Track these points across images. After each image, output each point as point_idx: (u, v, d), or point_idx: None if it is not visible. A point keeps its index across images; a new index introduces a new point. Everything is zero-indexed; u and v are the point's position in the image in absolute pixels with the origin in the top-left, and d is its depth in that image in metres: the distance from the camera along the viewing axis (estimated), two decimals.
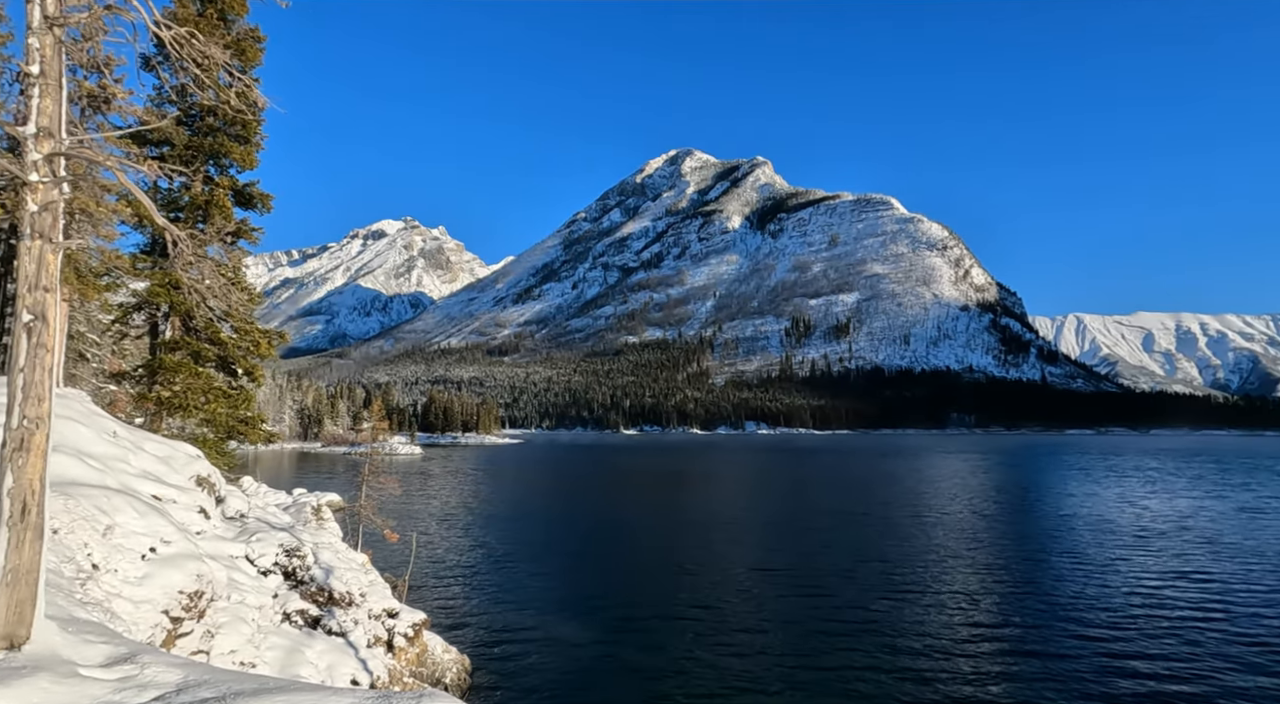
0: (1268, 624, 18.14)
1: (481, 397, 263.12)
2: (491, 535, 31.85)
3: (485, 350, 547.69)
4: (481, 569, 24.56)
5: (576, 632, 16.88)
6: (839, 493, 53.12)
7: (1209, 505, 44.52)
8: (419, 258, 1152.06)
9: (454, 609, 19.27)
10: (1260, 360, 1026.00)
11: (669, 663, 14.71)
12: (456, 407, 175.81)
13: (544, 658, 15.30)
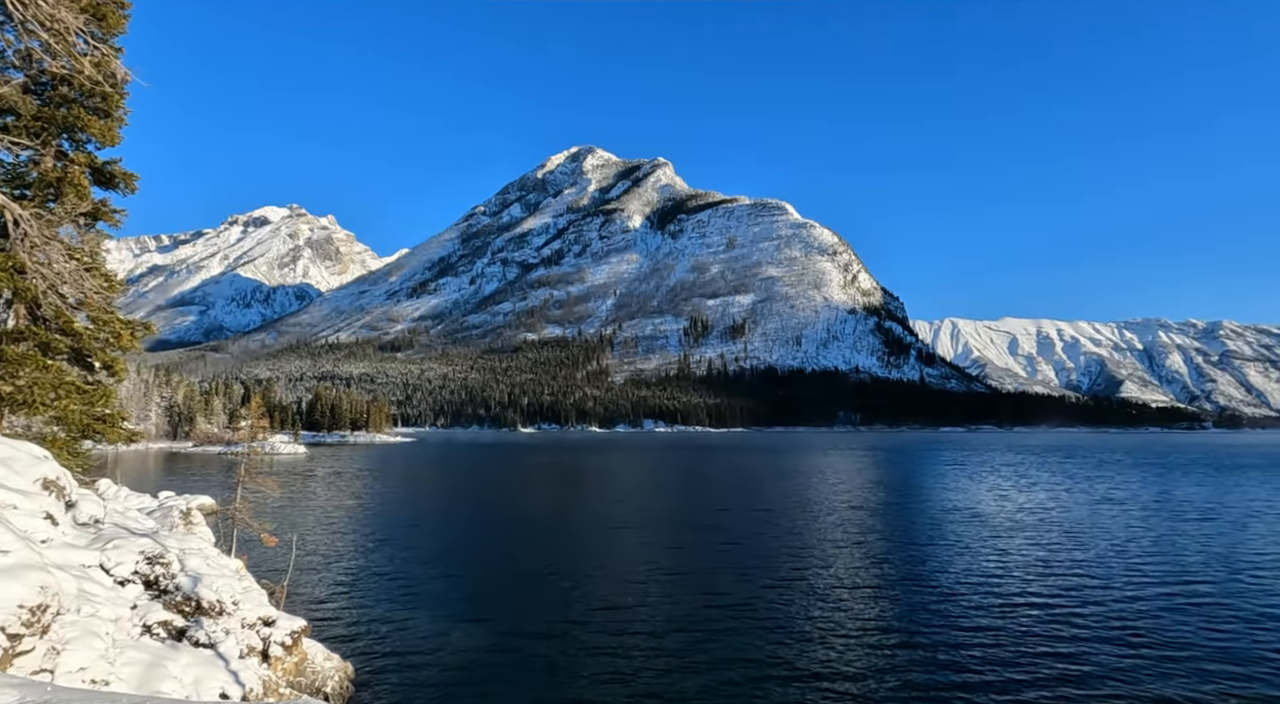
0: (1122, 604, 20.00)
1: (373, 394, 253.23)
2: (380, 537, 30.74)
3: (377, 346, 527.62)
4: (369, 572, 23.67)
5: (468, 635, 16.55)
6: (734, 489, 54.53)
7: (1067, 497, 48.63)
8: (306, 247, 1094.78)
9: (338, 615, 18.47)
10: (1106, 364, 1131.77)
11: (563, 666, 14.64)
12: (345, 404, 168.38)
13: (434, 663, 14.92)
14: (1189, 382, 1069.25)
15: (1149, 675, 14.24)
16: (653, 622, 17.38)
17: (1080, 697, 13.17)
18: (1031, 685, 13.73)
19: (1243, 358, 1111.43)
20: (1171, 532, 33.15)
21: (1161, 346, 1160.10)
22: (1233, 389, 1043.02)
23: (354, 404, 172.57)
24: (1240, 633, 17.11)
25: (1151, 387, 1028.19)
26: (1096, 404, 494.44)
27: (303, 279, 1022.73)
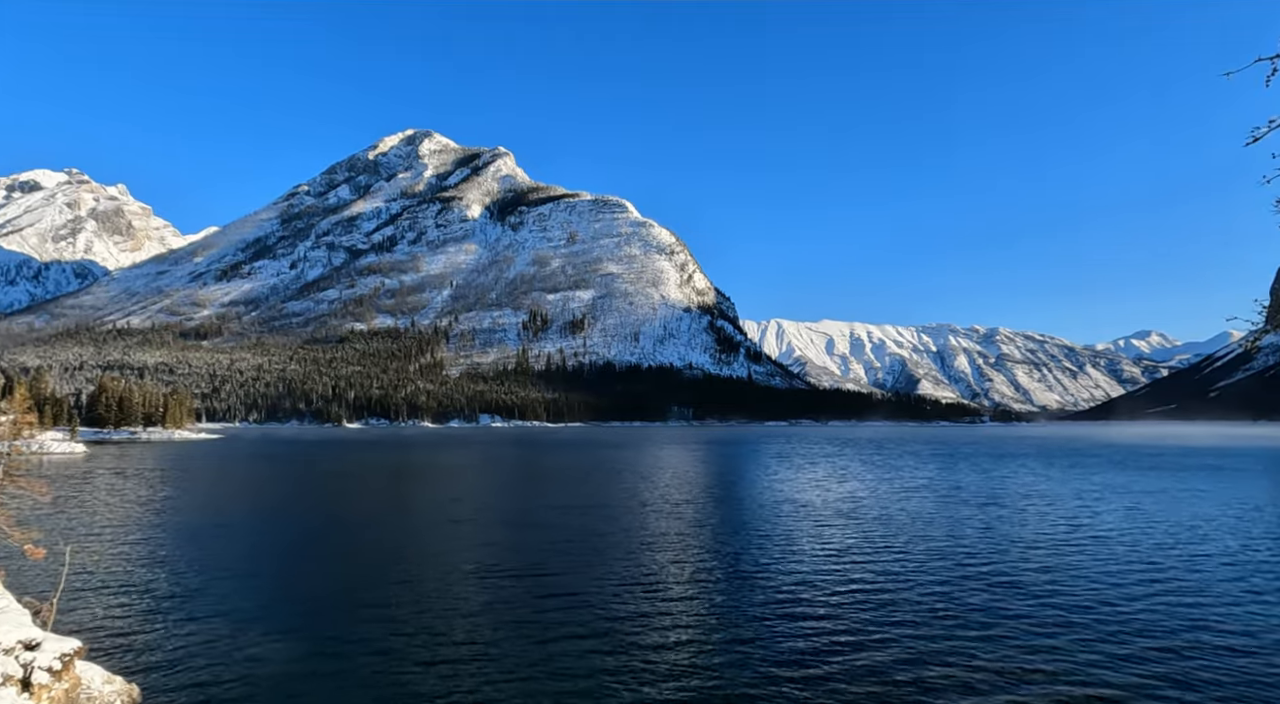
0: (933, 587, 21.86)
1: (172, 385, 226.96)
2: (173, 545, 27.39)
3: (178, 332, 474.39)
4: (159, 585, 20.93)
5: (274, 650, 14.98)
6: (573, 485, 54.37)
7: (878, 486, 53.04)
8: (89, 219, 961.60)
9: (122, 633, 16.11)
10: (907, 364, 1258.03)
11: (376, 680, 13.60)
12: (137, 396, 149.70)
13: (232, 680, 13.34)
14: (972, 381, 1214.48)
15: (960, 649, 15.66)
16: (478, 626, 16.61)
17: (901, 672, 14.18)
18: (863, 670, 14.60)
19: (1014, 361, 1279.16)
20: (968, 515, 37.09)
21: (951, 349, 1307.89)
22: (1005, 387, 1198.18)
23: (148, 397, 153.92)
24: (1029, 606, 19.34)
25: (943, 385, 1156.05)
26: (898, 400, 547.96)
27: (85, 255, 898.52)
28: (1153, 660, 14.25)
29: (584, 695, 12.46)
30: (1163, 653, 14.73)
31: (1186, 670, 13.73)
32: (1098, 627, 16.54)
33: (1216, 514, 35.98)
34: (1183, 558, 24.71)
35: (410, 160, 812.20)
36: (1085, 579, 21.41)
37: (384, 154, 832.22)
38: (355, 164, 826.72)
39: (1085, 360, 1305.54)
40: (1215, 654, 14.68)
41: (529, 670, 13.53)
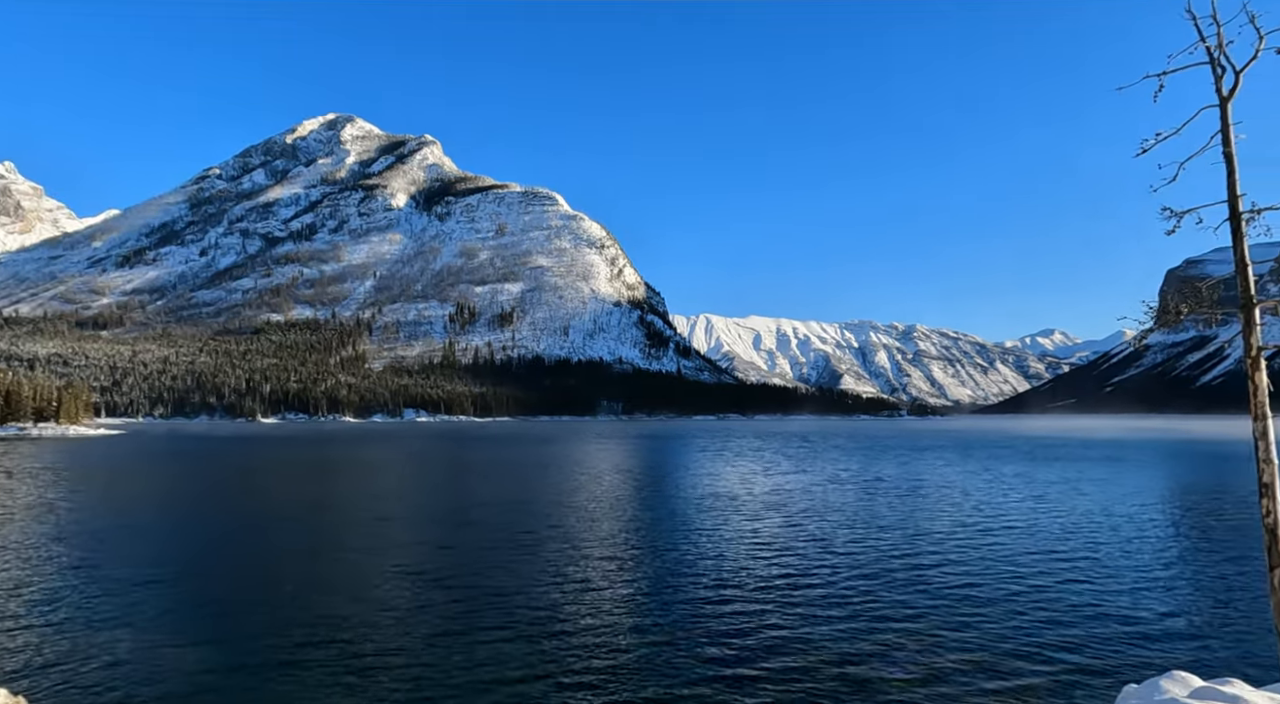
0: (857, 577, 22.19)
1: (67, 378, 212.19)
2: (69, 550, 25.29)
3: (74, 322, 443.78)
4: (51, 592, 19.20)
5: (177, 657, 13.84)
6: (500, 481, 53.36)
7: (804, 479, 54.10)
8: None
9: (11, 645, 14.64)
10: (830, 360, 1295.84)
11: (292, 687, 12.76)
12: (26, 390, 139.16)
13: (131, 691, 12.25)
14: (891, 376, 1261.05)
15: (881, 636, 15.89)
16: (397, 631, 15.81)
17: (824, 661, 14.25)
18: (785, 662, 14.61)
19: (930, 357, 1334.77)
20: (890, 506, 38.16)
21: (872, 346, 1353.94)
22: (922, 382, 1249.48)
23: (39, 390, 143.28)
24: (944, 592, 19.88)
25: (864, 380, 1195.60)
26: (822, 395, 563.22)
27: None
28: (1056, 640, 14.82)
29: (507, 698, 11.97)
30: (1065, 630, 15.34)
31: (1083, 647, 14.32)
32: (1009, 611, 17.12)
33: (1114, 502, 38.14)
34: (1084, 543, 26.00)
35: (331, 146, 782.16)
36: (997, 566, 22.22)
37: (303, 138, 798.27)
38: (272, 148, 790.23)
39: (995, 357, 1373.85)
40: (1110, 632, 15.37)
41: (450, 676, 12.91)
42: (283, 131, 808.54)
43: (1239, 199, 8.07)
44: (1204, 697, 8.47)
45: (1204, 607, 17.48)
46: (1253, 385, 8.10)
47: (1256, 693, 8.52)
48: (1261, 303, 8.04)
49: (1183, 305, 9.27)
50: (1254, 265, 8.27)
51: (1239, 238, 8.05)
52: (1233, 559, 22.95)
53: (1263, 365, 7.99)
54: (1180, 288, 11.89)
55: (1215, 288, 9.55)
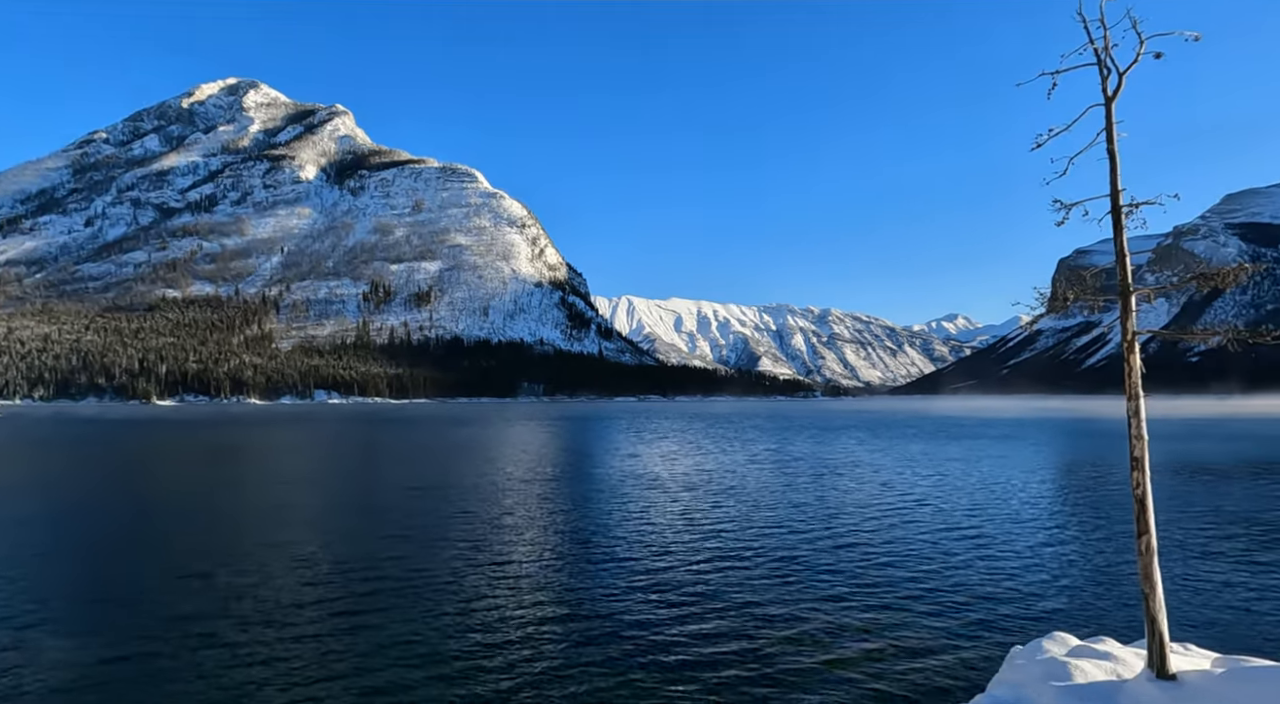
0: (773, 552, 22.84)
1: None
2: None
3: None
4: None
5: (57, 658, 13.05)
6: (418, 465, 52.20)
7: (724, 458, 55.22)
8: None
9: None
10: (749, 342, 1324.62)
11: (185, 686, 12.23)
12: None
13: (6, 689, 11.46)
14: (807, 358, 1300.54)
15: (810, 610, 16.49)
16: (304, 625, 15.32)
17: (738, 635, 14.69)
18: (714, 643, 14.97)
19: (844, 340, 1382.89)
20: (806, 483, 39.46)
21: (789, 328, 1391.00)
22: (835, 365, 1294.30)
23: None
24: (858, 566, 20.78)
25: (781, 362, 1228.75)
26: (741, 377, 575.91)
27: None
28: (952, 607, 15.78)
29: (420, 693, 11.80)
30: (960, 598, 16.34)
31: (976, 613, 15.32)
32: (910, 581, 18.09)
33: (1005, 478, 40.69)
34: (978, 516, 27.67)
35: (233, 112, 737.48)
36: (900, 539, 23.39)
37: (201, 103, 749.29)
38: (166, 112, 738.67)
39: (904, 340, 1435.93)
40: (1001, 598, 16.49)
41: (359, 671, 12.63)
42: (179, 95, 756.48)
43: (1120, 193, 8.68)
44: (1080, 655, 9.20)
45: (1083, 573, 18.91)
46: (1127, 367, 8.46)
47: (1125, 649, 9.34)
48: (1137, 291, 8.69)
49: (1069, 292, 9.93)
50: (1132, 256, 8.95)
51: (1119, 230, 8.66)
52: (1109, 528, 24.89)
53: (1137, 349, 8.60)
54: (1068, 276, 12.71)
55: (1098, 276, 10.29)
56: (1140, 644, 9.35)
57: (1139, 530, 8.43)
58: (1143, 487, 8.39)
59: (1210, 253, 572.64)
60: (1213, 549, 21.30)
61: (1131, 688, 8.09)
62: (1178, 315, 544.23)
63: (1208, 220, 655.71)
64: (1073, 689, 8.41)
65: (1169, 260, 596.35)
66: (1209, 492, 33.58)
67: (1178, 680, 7.88)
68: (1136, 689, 8.03)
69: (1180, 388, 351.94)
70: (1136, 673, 8.39)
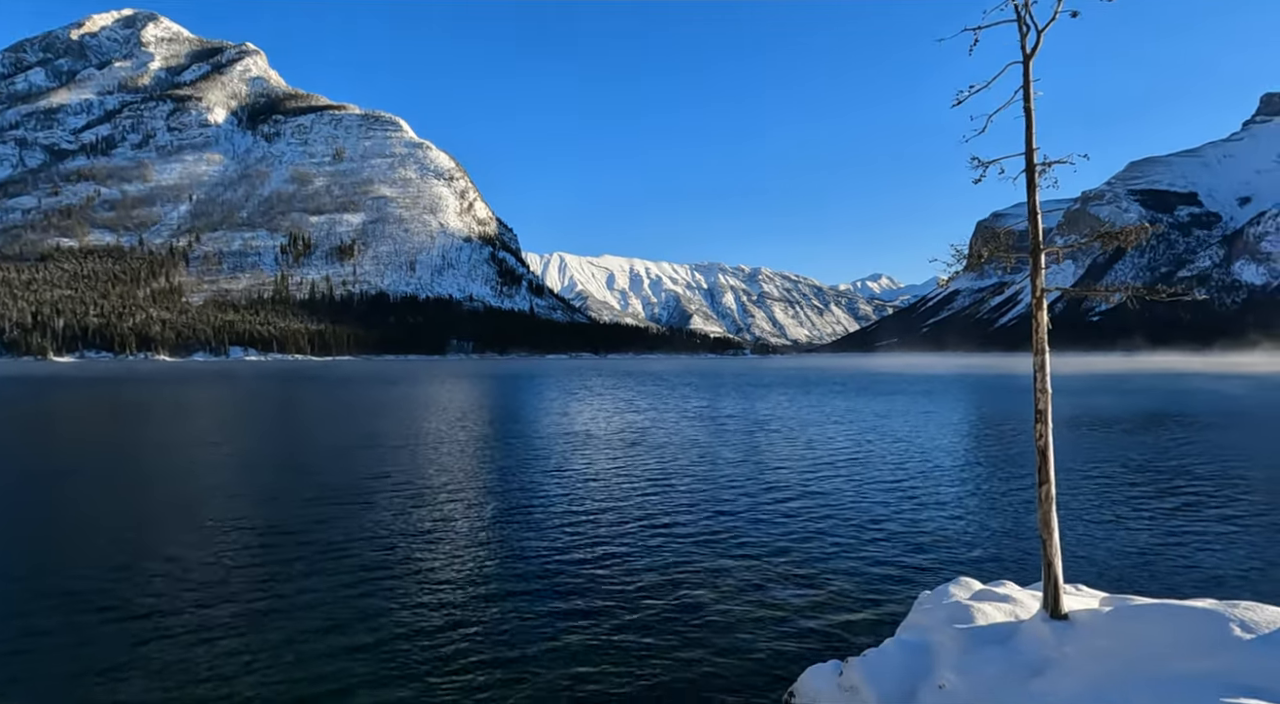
0: (706, 508, 23.19)
1: None
2: None
3: None
4: None
5: None
6: (338, 424, 50.71)
7: (657, 416, 55.68)
8: None
9: None
10: (680, 300, 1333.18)
11: (86, 662, 11.61)
12: None
13: None
14: (737, 317, 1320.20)
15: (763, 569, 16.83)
16: (218, 592, 14.77)
17: (668, 590, 14.92)
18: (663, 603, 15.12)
19: (773, 298, 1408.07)
20: (737, 440, 40.22)
21: (720, 287, 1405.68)
22: (765, 323, 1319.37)
23: None
24: (788, 520, 21.34)
25: (712, 320, 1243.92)
26: (672, 334, 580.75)
27: None
28: (865, 555, 16.46)
29: (353, 658, 11.52)
30: (873, 547, 17.05)
31: (888, 561, 16.02)
32: (827, 532, 18.74)
33: (919, 431, 42.49)
34: (893, 468, 28.86)
35: (130, 47, 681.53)
36: (821, 492, 24.18)
37: (93, 35, 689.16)
38: (53, 44, 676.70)
39: (830, 299, 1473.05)
40: (911, 546, 17.29)
41: (289, 640, 12.22)
42: (66, 25, 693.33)
43: (1034, 152, 8.82)
44: (982, 598, 9.66)
45: (991, 521, 19.97)
46: (1035, 323, 8.73)
47: (1023, 591, 9.87)
48: (1048, 249, 8.92)
49: (984, 249, 10.15)
50: (1044, 216, 9.14)
51: (1032, 188, 8.82)
52: (1016, 479, 26.32)
53: (1045, 305, 8.88)
54: (983, 234, 12.99)
55: (1011, 235, 10.55)
56: (1038, 587, 9.88)
57: (1040, 479, 8.81)
58: (1045, 438, 8.75)
59: (1114, 217, 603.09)
60: (1108, 497, 22.81)
61: (1027, 628, 8.56)
62: (1082, 277, 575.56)
63: (1112, 186, 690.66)
64: (973, 631, 8.85)
65: (1077, 225, 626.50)
66: (1107, 443, 35.93)
67: (1070, 620, 8.30)
68: (1031, 629, 8.51)
69: (1084, 346, 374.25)
70: (1033, 614, 8.87)
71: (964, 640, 8.73)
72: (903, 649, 9.12)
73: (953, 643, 8.76)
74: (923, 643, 9.11)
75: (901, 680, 8.66)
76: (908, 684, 8.56)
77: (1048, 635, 8.18)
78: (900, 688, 8.53)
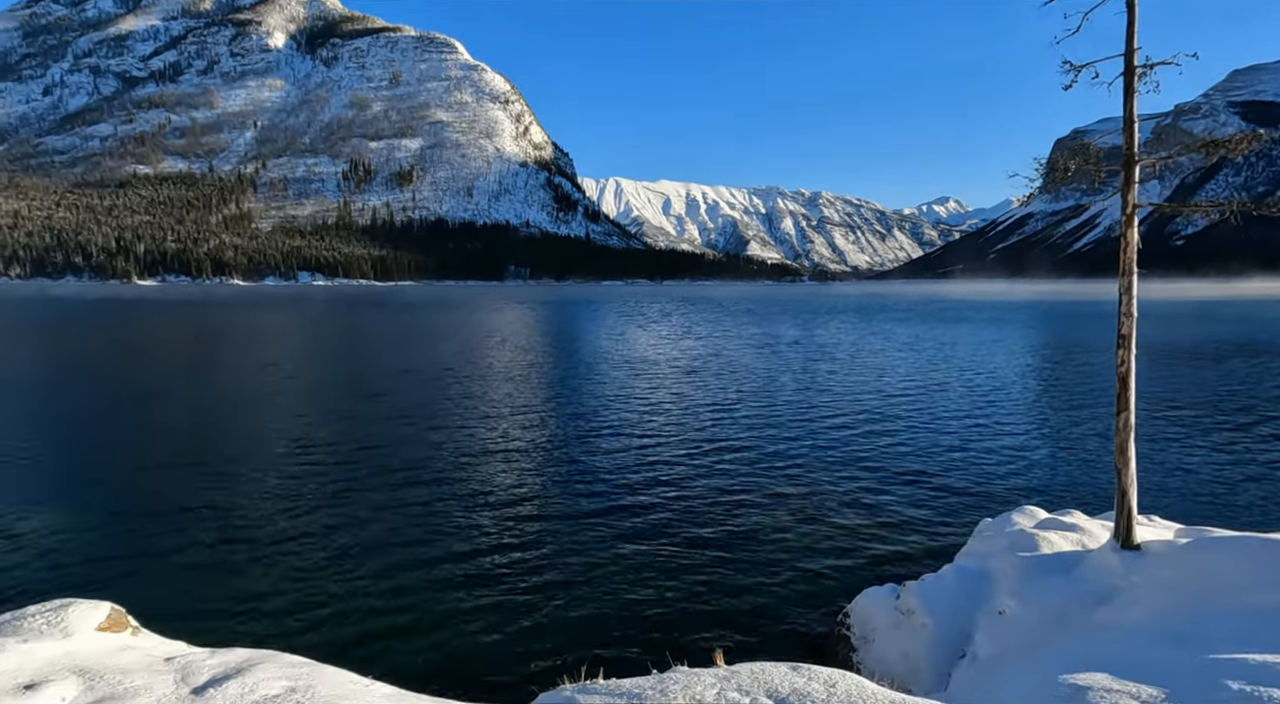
0: (776, 435, 23.19)
1: None
2: None
3: None
4: None
5: (49, 531, 13.19)
6: (405, 348, 52.13)
7: (720, 342, 55.54)
8: None
9: None
10: (738, 226, 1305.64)
11: (168, 560, 12.38)
12: None
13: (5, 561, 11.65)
14: (795, 242, 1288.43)
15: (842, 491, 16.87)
16: (291, 509, 15.53)
17: (744, 512, 15.06)
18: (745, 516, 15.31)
19: (833, 224, 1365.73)
20: (801, 367, 39.83)
21: (779, 212, 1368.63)
22: (824, 249, 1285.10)
23: None
24: (867, 445, 21.17)
25: (769, 246, 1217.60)
26: (728, 261, 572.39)
27: None
28: (929, 481, 16.21)
29: (426, 571, 12.09)
30: (937, 474, 16.77)
31: (951, 487, 15.76)
32: (893, 458, 18.51)
33: (990, 359, 41.21)
34: (963, 397, 28.15)
35: None
36: (887, 419, 23.81)
37: None
38: None
39: (894, 224, 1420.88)
40: (978, 474, 16.95)
41: (366, 551, 12.90)
42: None
43: (1135, 52, 8.02)
44: (1048, 526, 9.43)
45: (1057, 451, 19.41)
46: (1124, 241, 8.19)
47: (1092, 520, 9.58)
48: (1142, 160, 8.19)
49: (1071, 162, 9.40)
50: (1140, 124, 8.35)
51: (1130, 93, 8.04)
52: (1088, 409, 25.39)
53: (1135, 222, 8.21)
54: (1069, 149, 12.03)
55: (1100, 150, 9.72)
56: (1107, 517, 9.57)
57: (1119, 407, 8.38)
58: (1126, 364, 8.27)
59: (1210, 132, 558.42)
60: (1189, 427, 21.84)
61: (1095, 557, 8.31)
62: (1169, 198, 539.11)
63: (1210, 98, 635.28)
64: (1037, 559, 8.65)
65: (1166, 142, 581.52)
66: (1192, 372, 34.25)
67: (1141, 550, 8.02)
68: (1100, 558, 8.25)
69: (1167, 271, 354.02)
70: (1102, 543, 8.62)
71: (1026, 568, 8.56)
72: (961, 575, 9.02)
73: (1014, 570, 8.61)
74: (982, 569, 8.99)
75: (959, 606, 8.59)
76: (965, 609, 8.48)
77: (1117, 565, 7.93)
78: (958, 613, 8.46)
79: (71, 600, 4.58)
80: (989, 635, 7.49)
